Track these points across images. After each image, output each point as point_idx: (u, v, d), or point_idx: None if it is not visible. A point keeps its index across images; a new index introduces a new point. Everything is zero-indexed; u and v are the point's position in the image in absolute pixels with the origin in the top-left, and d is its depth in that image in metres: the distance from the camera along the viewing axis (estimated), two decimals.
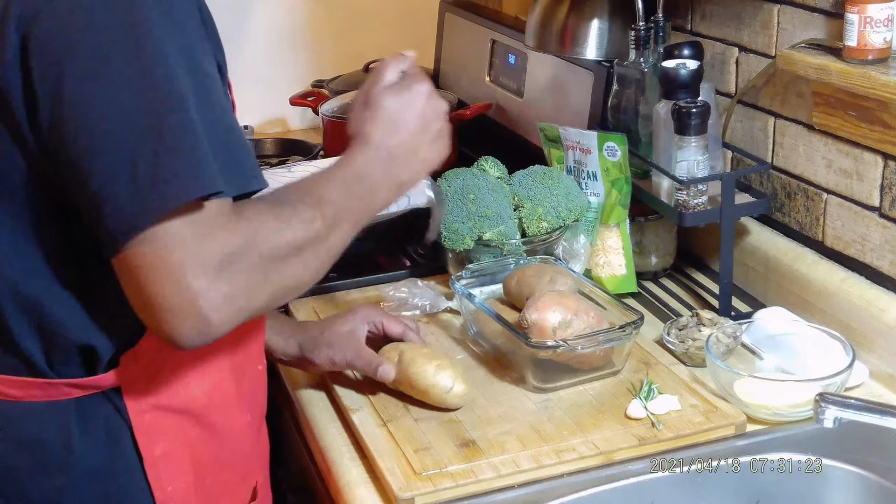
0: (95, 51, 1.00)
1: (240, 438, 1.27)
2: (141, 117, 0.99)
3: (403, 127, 1.23)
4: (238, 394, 1.26)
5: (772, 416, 1.39)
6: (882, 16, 1.40)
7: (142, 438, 1.17)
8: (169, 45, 1.01)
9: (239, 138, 1.08)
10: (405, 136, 1.23)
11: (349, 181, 1.18)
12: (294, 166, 2.20)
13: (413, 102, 1.24)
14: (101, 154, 0.99)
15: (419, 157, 1.25)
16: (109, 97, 0.99)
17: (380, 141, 1.21)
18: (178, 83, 1.01)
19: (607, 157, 1.72)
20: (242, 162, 1.07)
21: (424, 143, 1.25)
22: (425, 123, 1.25)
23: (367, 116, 1.23)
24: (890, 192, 1.47)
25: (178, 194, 0.99)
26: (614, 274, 1.75)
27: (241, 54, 2.72)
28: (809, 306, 1.59)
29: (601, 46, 1.88)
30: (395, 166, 1.22)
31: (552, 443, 1.34)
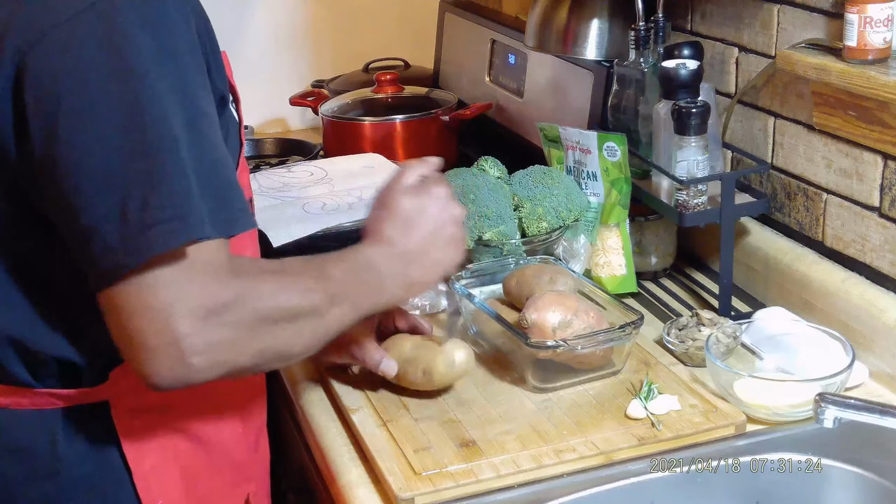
0: (88, 88, 0.99)
1: (230, 449, 1.27)
2: (131, 158, 0.99)
3: (417, 228, 1.24)
4: (231, 405, 1.25)
5: (772, 416, 1.39)
6: (882, 16, 1.40)
7: (131, 452, 1.16)
8: (162, 84, 1.00)
9: (229, 178, 1.07)
10: (418, 237, 1.24)
11: (358, 267, 1.18)
12: (294, 166, 2.20)
13: (429, 206, 1.26)
14: (91, 193, 0.99)
15: (431, 259, 1.25)
16: (100, 136, 0.99)
17: (392, 238, 1.23)
18: (169, 123, 1.00)
19: (607, 157, 1.72)
20: (231, 203, 1.06)
21: (437, 246, 1.26)
22: (440, 227, 1.26)
23: (382, 215, 1.25)
24: (890, 192, 1.47)
25: (167, 239, 0.98)
26: (614, 274, 1.75)
27: (241, 54, 2.72)
28: (809, 306, 1.59)
29: (601, 46, 1.88)
30: (406, 265, 1.23)
31: (552, 443, 1.34)
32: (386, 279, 1.20)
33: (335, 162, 2.20)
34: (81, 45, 0.99)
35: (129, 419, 1.16)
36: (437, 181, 1.29)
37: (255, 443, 1.34)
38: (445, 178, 1.33)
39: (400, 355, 1.43)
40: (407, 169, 1.30)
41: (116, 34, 0.99)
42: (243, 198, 1.09)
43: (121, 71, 0.99)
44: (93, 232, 0.99)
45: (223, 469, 1.26)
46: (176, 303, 0.99)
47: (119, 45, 0.99)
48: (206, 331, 1.00)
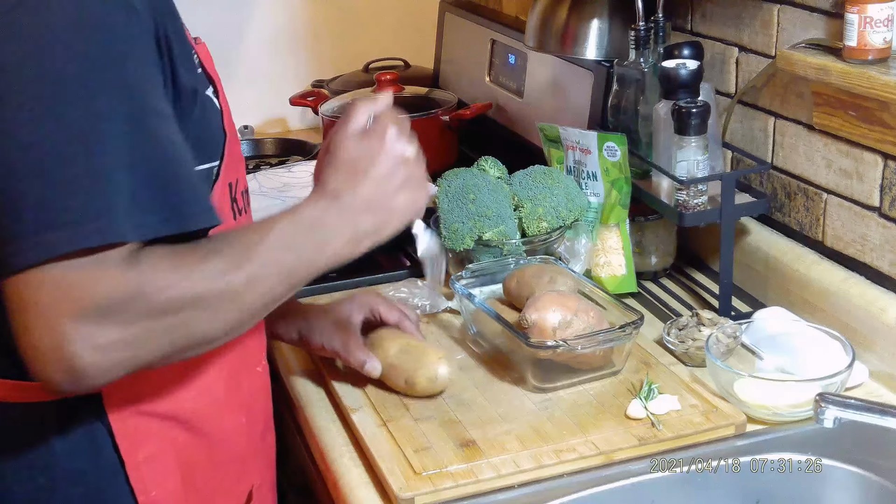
0: (10, 83, 0.97)
1: (232, 441, 1.25)
2: (41, 157, 0.96)
3: (365, 175, 1.16)
4: (230, 396, 1.24)
5: (772, 416, 1.39)
6: (882, 16, 1.40)
7: (124, 444, 1.15)
8: (95, 82, 0.97)
9: (183, 176, 1.04)
10: (366, 183, 1.16)
11: (295, 232, 1.11)
12: (294, 166, 2.21)
13: (376, 147, 1.18)
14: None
15: (385, 207, 1.17)
16: (11, 131, 0.97)
17: (337, 189, 1.15)
18: (98, 124, 0.97)
19: (607, 157, 1.72)
20: (182, 201, 1.02)
21: (389, 191, 1.17)
22: (390, 170, 1.17)
23: (327, 162, 1.18)
24: (890, 192, 1.47)
25: (60, 244, 0.95)
26: (614, 274, 1.75)
27: (241, 54, 2.72)
28: (809, 306, 1.59)
29: (601, 46, 1.88)
30: (355, 216, 1.15)
31: (552, 443, 1.34)
32: (330, 237, 1.13)
33: None
34: (9, 42, 0.97)
35: (122, 410, 1.14)
36: (387, 119, 1.20)
37: (262, 434, 1.33)
38: (397, 114, 1.22)
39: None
40: (354, 109, 1.21)
41: (47, 32, 0.97)
42: (202, 195, 1.07)
43: (46, 70, 0.97)
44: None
45: (224, 461, 1.25)
46: (64, 304, 0.96)
47: (49, 43, 0.97)
48: (100, 332, 0.97)
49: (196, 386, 1.19)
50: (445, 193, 1.72)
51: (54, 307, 0.96)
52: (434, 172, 1.66)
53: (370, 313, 1.51)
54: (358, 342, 1.46)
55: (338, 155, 1.18)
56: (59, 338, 0.96)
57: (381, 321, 1.52)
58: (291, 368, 1.57)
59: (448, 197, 1.72)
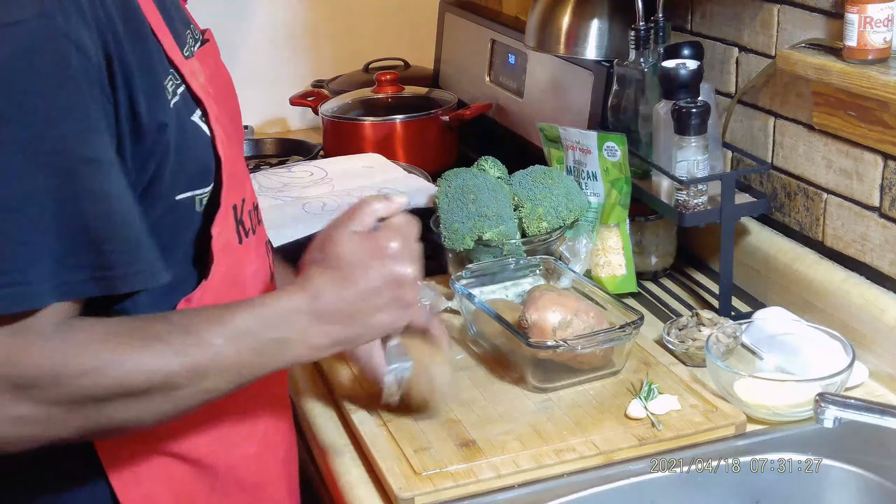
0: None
1: (240, 472, 1.18)
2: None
3: (351, 285, 1.07)
4: (240, 427, 1.18)
5: (772, 416, 1.39)
6: (882, 16, 1.40)
7: (117, 482, 1.10)
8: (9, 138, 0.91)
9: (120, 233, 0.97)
10: (352, 293, 1.07)
11: (255, 331, 1.03)
12: (294, 166, 2.20)
13: (371, 260, 1.08)
14: None
15: (361, 322, 1.08)
16: None
17: (318, 291, 1.06)
18: (12, 180, 0.91)
19: (607, 157, 1.73)
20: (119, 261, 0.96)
21: (371, 308, 1.08)
22: (379, 288, 1.08)
23: (318, 258, 1.09)
24: (890, 192, 1.47)
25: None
26: (614, 274, 1.75)
27: (241, 54, 2.72)
28: (809, 306, 1.59)
29: (601, 46, 1.89)
30: (327, 325, 1.06)
31: (552, 443, 1.34)
32: (294, 340, 1.05)
33: (335, 162, 2.20)
34: None
35: (114, 447, 1.09)
36: (394, 230, 1.11)
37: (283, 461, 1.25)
38: (408, 223, 1.13)
39: None
40: (362, 207, 1.12)
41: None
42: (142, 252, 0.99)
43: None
44: None
45: (230, 493, 1.17)
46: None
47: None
48: (13, 405, 0.93)
49: (199, 420, 1.13)
50: (445, 193, 1.72)
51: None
52: (434, 172, 1.66)
53: None
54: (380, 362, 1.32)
55: (331, 254, 1.08)
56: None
57: None
58: (291, 369, 1.57)
59: (448, 197, 1.72)
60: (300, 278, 1.09)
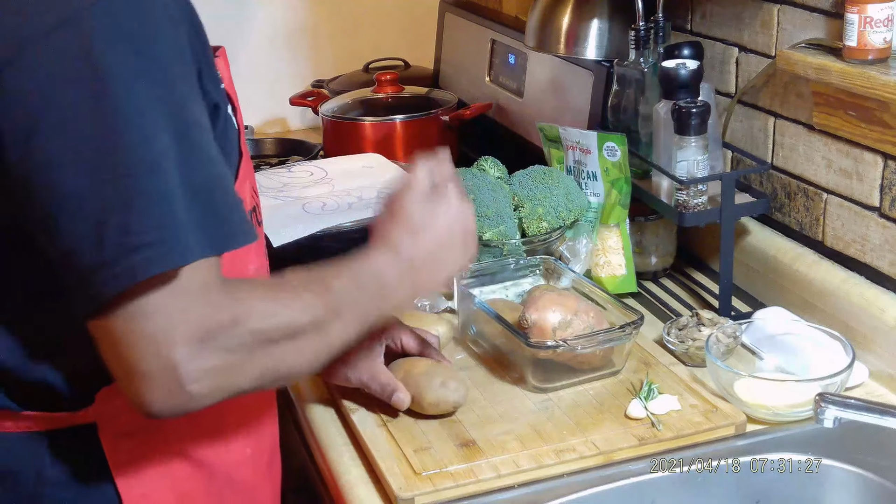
0: (62, 109, 0.94)
1: (237, 473, 1.22)
2: (108, 181, 0.94)
3: (427, 234, 1.19)
4: (234, 426, 1.21)
5: (772, 416, 1.39)
6: (882, 16, 1.40)
7: (120, 478, 1.12)
8: (145, 100, 0.95)
9: (227, 191, 1.03)
10: (427, 243, 1.19)
11: (363, 277, 1.13)
12: (294, 166, 2.20)
13: (438, 209, 1.21)
14: (67, 218, 0.94)
15: (440, 264, 1.21)
16: (76, 157, 0.94)
17: (401, 247, 1.17)
18: (151, 142, 0.95)
19: (607, 157, 1.73)
20: (228, 218, 1.01)
21: (447, 249, 1.21)
22: (452, 234, 1.21)
23: (389, 218, 1.20)
24: (890, 192, 1.47)
25: (148, 265, 0.93)
26: (614, 274, 1.75)
27: (241, 54, 2.72)
28: (809, 306, 1.59)
29: (601, 46, 1.89)
30: (415, 274, 1.18)
31: (552, 443, 1.34)
32: (391, 288, 1.15)
33: (335, 162, 2.20)
34: (57, 63, 0.95)
35: (118, 442, 1.11)
36: (449, 181, 1.24)
37: (268, 464, 1.29)
38: (456, 174, 1.27)
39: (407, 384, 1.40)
40: (418, 170, 1.24)
41: (94, 50, 0.94)
42: (242, 210, 1.04)
43: (98, 89, 0.94)
44: (70, 257, 0.95)
45: (227, 494, 1.21)
46: (169, 329, 0.95)
47: (96, 61, 0.94)
48: (203, 356, 0.96)
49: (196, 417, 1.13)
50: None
51: (162, 333, 0.95)
52: None
53: (392, 342, 1.46)
54: (384, 371, 1.41)
55: (399, 212, 1.20)
56: (170, 363, 0.94)
57: (402, 350, 1.46)
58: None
59: None
60: (378, 240, 1.19)
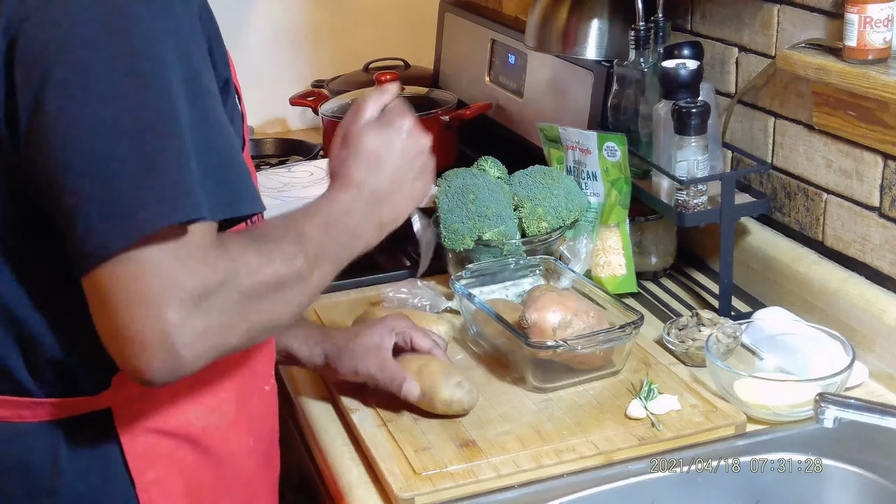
0: (83, 60, 0.95)
1: (241, 464, 1.23)
2: (125, 135, 0.94)
3: (385, 165, 1.20)
4: (240, 418, 1.22)
5: (772, 416, 1.39)
6: (882, 16, 1.40)
7: (134, 463, 1.13)
8: (165, 58, 0.96)
9: (235, 159, 1.04)
10: (387, 174, 1.20)
11: (331, 220, 1.14)
12: (294, 166, 2.20)
13: (394, 139, 1.21)
14: (77, 170, 0.94)
15: (402, 196, 1.21)
16: (93, 111, 0.94)
17: (361, 180, 1.18)
18: (172, 101, 0.96)
19: (607, 157, 1.73)
20: (236, 184, 1.03)
21: (407, 180, 1.22)
22: (407, 160, 1.22)
23: (346, 155, 1.20)
24: (890, 192, 1.47)
25: (157, 218, 0.93)
26: (614, 274, 1.75)
27: (241, 54, 2.71)
28: (809, 306, 1.59)
29: (601, 46, 1.88)
30: (378, 206, 1.19)
31: (552, 443, 1.34)
32: (359, 225, 1.17)
33: None
34: (76, 18, 0.95)
35: (133, 428, 1.12)
36: (399, 111, 1.23)
37: (267, 457, 1.30)
38: (405, 104, 1.25)
39: None
40: (366, 101, 1.23)
41: (112, 8, 0.96)
42: (251, 179, 1.06)
43: (117, 46, 0.95)
44: (78, 210, 0.94)
45: (231, 485, 1.22)
46: (167, 291, 0.93)
47: (116, 18, 0.95)
48: (197, 318, 0.95)
49: (206, 403, 1.17)
50: (445, 193, 1.72)
51: (156, 295, 0.93)
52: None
53: (401, 339, 1.46)
54: (393, 363, 1.41)
55: (357, 147, 1.20)
56: (164, 325, 0.94)
57: (412, 348, 1.46)
58: (291, 369, 1.57)
59: (448, 197, 1.72)
60: (339, 178, 1.19)
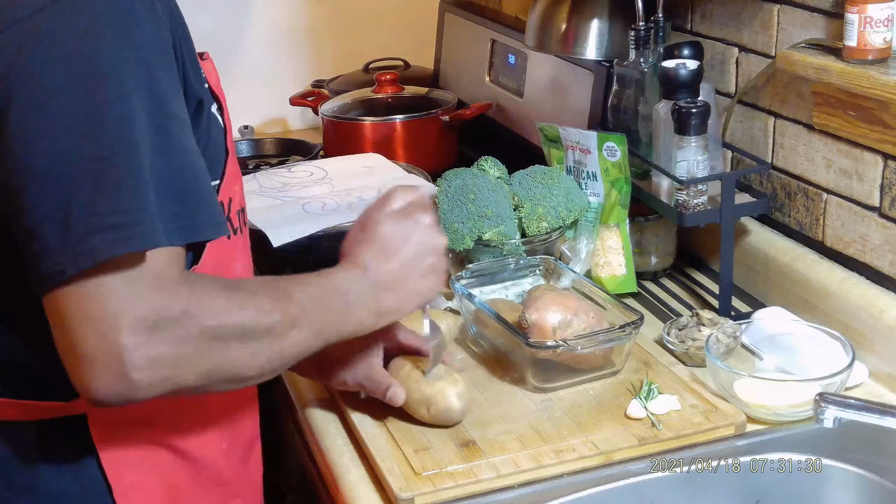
0: (43, 85, 0.95)
1: (217, 465, 1.24)
2: (82, 160, 0.95)
3: (396, 256, 1.20)
4: (216, 422, 1.23)
5: (772, 416, 1.39)
6: (882, 16, 1.40)
7: (109, 467, 1.13)
8: (128, 84, 0.97)
9: (200, 185, 1.04)
10: (395, 265, 1.20)
11: (325, 291, 1.14)
12: (294, 166, 2.20)
13: (410, 232, 1.21)
14: (36, 192, 0.95)
15: (408, 289, 1.21)
16: (52, 134, 0.95)
17: (368, 264, 1.18)
18: (131, 126, 0.96)
19: (607, 157, 1.73)
20: (200, 209, 1.02)
21: (415, 275, 1.21)
22: (419, 256, 1.22)
23: (361, 238, 1.21)
24: (890, 192, 1.47)
25: (111, 246, 0.94)
26: (614, 274, 1.75)
27: (241, 54, 2.72)
28: (809, 306, 1.59)
29: (601, 46, 1.88)
30: (379, 293, 1.18)
31: (552, 443, 1.34)
32: (355, 306, 1.16)
33: (335, 162, 2.20)
34: (42, 42, 0.96)
35: (108, 433, 1.13)
36: (423, 208, 1.25)
37: (243, 457, 1.31)
38: (429, 202, 1.28)
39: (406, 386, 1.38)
40: (394, 193, 1.25)
41: (79, 31, 0.96)
42: (215, 204, 1.06)
43: (81, 70, 0.96)
44: (34, 233, 0.95)
45: (209, 485, 1.23)
46: (120, 313, 0.94)
47: (81, 43, 0.96)
48: (150, 345, 0.96)
49: (181, 411, 1.17)
50: (445, 193, 1.72)
51: (111, 317, 0.94)
52: (434, 172, 1.65)
53: (391, 341, 1.43)
54: (380, 370, 1.40)
55: (373, 233, 1.21)
56: (116, 348, 0.95)
57: (398, 348, 1.43)
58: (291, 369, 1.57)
59: (448, 197, 1.72)
60: (348, 258, 1.20)
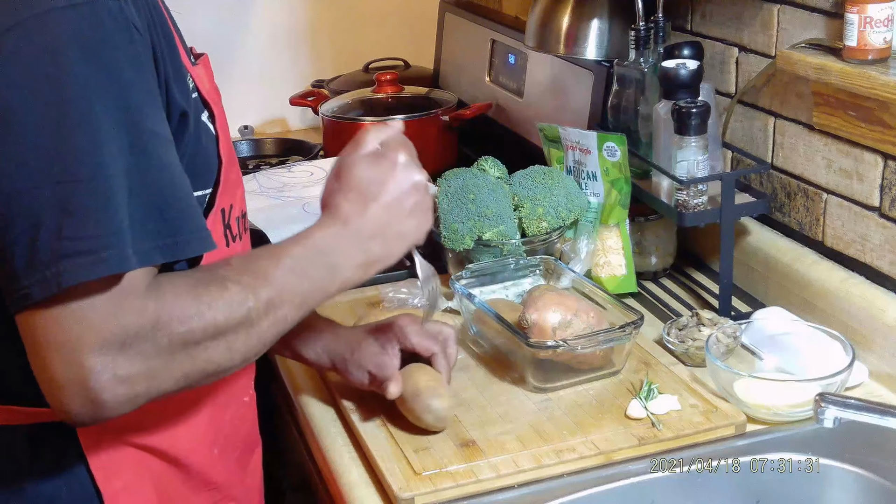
0: (10, 107, 0.94)
1: (208, 471, 1.23)
2: (50, 184, 0.93)
3: (375, 200, 1.15)
4: (209, 430, 1.22)
5: (772, 416, 1.39)
6: (882, 16, 1.40)
7: (99, 473, 1.12)
8: (97, 105, 0.95)
9: (182, 201, 1.02)
10: (376, 209, 1.15)
11: (307, 258, 1.10)
12: (294, 166, 2.21)
13: (387, 173, 1.16)
14: (4, 216, 0.94)
15: (393, 233, 1.16)
16: (19, 158, 0.93)
17: (347, 214, 1.14)
18: (100, 147, 0.95)
19: (607, 157, 1.73)
20: (182, 226, 1.01)
21: (398, 217, 1.16)
22: (399, 197, 1.16)
23: (337, 187, 1.16)
24: (890, 192, 1.47)
25: (78, 271, 0.93)
26: (614, 274, 1.75)
27: (240, 54, 2.72)
28: (809, 306, 1.59)
29: (601, 46, 1.88)
30: (365, 242, 1.14)
31: (552, 443, 1.34)
32: (340, 263, 1.13)
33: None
34: (8, 64, 0.94)
35: (96, 439, 1.12)
36: (397, 145, 1.19)
37: (241, 462, 1.30)
38: (406, 140, 1.21)
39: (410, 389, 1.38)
40: (365, 135, 1.20)
41: (46, 53, 0.95)
42: (199, 218, 1.05)
43: (47, 92, 0.94)
44: (3, 254, 0.95)
45: (200, 490, 1.22)
46: (85, 338, 0.94)
47: (48, 64, 0.94)
48: (119, 364, 0.95)
49: (173, 417, 1.17)
50: (445, 193, 1.72)
51: (75, 341, 0.94)
52: (434, 172, 1.64)
53: (403, 344, 1.41)
54: (390, 361, 1.38)
55: (348, 180, 1.16)
56: (82, 371, 0.94)
57: (411, 351, 1.41)
58: (291, 369, 1.57)
59: (448, 197, 1.72)
60: (327, 211, 1.16)
